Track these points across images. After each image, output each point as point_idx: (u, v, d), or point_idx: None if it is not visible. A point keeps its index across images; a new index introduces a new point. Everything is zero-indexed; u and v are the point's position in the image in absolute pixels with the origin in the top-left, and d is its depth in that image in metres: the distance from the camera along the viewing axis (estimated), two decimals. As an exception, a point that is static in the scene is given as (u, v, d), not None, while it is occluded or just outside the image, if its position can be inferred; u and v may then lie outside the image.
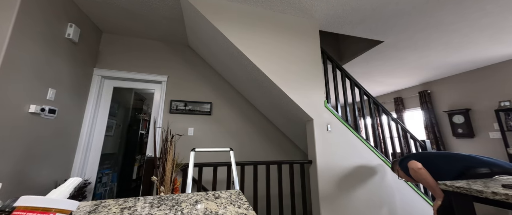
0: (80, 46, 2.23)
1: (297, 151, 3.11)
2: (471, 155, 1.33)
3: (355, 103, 2.42)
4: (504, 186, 0.91)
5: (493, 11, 2.24)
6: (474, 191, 0.91)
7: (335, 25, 2.46)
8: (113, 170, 3.11)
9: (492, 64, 3.78)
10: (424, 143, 2.47)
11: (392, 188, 2.15)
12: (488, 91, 3.82)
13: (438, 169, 1.35)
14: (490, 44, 2.98)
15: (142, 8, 2.19)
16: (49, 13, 1.80)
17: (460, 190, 0.97)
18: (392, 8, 2.18)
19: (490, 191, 0.86)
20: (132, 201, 0.55)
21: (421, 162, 1.43)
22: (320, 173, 1.96)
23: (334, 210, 1.91)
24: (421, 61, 3.62)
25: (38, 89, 1.74)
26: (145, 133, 4.25)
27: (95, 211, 0.48)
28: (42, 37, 1.75)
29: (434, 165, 1.38)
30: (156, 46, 2.87)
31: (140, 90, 3.82)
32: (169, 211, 0.48)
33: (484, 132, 3.85)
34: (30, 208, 0.30)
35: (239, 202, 0.56)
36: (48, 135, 1.86)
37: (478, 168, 1.19)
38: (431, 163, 1.40)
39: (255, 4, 2.09)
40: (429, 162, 1.41)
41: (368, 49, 3.08)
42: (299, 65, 2.16)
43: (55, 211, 0.31)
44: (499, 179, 1.13)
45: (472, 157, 1.30)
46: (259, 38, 2.06)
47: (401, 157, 1.65)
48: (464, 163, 1.27)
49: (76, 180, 0.39)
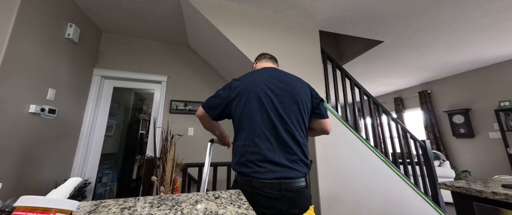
0: (80, 46, 2.23)
1: (297, 151, 3.11)
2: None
3: (355, 103, 2.42)
4: (504, 186, 0.91)
5: (493, 11, 2.24)
6: (474, 191, 0.91)
7: (335, 25, 2.46)
8: (113, 170, 3.11)
9: (492, 64, 3.79)
10: (424, 143, 2.47)
11: (392, 188, 2.15)
12: (488, 91, 3.82)
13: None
14: (490, 44, 2.98)
15: (142, 8, 2.19)
16: (49, 13, 1.80)
17: (460, 190, 0.97)
18: (392, 8, 2.18)
19: (490, 191, 0.86)
20: (132, 201, 0.55)
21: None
22: (320, 173, 1.96)
23: (334, 210, 1.91)
24: (421, 61, 3.62)
25: (38, 89, 1.74)
26: (145, 133, 4.25)
27: (95, 211, 0.48)
28: (42, 37, 1.75)
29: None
30: (156, 46, 2.87)
31: (140, 90, 3.82)
32: (169, 211, 0.48)
33: (484, 132, 3.85)
34: (30, 208, 0.30)
35: (239, 202, 0.56)
36: (48, 135, 1.86)
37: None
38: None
39: (255, 4, 2.09)
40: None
41: (368, 49, 3.08)
42: (299, 65, 2.16)
43: (55, 211, 0.31)
44: (499, 179, 1.13)
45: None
46: (259, 38, 2.06)
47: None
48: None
49: (76, 180, 0.39)
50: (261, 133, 0.81)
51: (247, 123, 0.83)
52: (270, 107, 0.84)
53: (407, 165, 2.37)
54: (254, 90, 0.86)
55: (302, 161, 0.83)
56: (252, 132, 0.82)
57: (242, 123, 0.85)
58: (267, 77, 0.91)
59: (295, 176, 0.79)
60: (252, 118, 0.83)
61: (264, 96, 0.85)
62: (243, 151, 0.81)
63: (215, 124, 1.00)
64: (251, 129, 0.82)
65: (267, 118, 0.83)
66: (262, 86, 0.88)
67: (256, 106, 0.84)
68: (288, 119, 0.84)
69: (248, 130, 0.83)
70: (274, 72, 0.95)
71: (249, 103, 0.84)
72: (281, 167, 0.78)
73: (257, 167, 0.77)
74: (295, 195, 0.77)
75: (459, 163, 4.18)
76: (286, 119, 0.84)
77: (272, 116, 0.83)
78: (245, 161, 0.80)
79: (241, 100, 0.86)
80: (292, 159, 0.80)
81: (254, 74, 0.94)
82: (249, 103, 0.84)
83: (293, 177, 0.78)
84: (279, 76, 0.93)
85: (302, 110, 0.89)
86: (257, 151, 0.79)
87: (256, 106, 0.84)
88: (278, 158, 0.79)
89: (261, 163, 0.78)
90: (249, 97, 0.85)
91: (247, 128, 0.83)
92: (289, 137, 0.82)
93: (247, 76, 0.93)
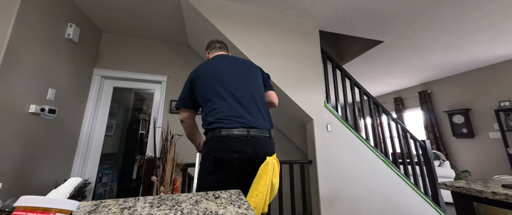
0: (80, 46, 2.23)
1: (297, 151, 3.11)
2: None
3: (355, 103, 2.42)
4: (504, 186, 0.91)
5: (493, 11, 2.24)
6: (474, 191, 0.91)
7: (335, 25, 2.46)
8: (113, 170, 3.11)
9: (492, 64, 3.79)
10: (424, 143, 2.47)
11: (392, 188, 2.15)
12: (488, 91, 3.82)
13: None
14: (490, 44, 2.98)
15: (142, 8, 2.19)
16: (49, 13, 1.80)
17: (460, 190, 0.97)
18: (392, 8, 2.18)
19: (490, 191, 0.86)
20: (132, 201, 0.55)
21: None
22: (320, 173, 1.96)
23: (334, 210, 1.91)
24: (421, 61, 3.62)
25: (38, 89, 1.74)
26: (145, 133, 4.25)
27: (95, 211, 0.48)
28: (42, 37, 1.75)
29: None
30: (156, 46, 2.87)
31: (140, 90, 3.82)
32: (169, 211, 0.48)
33: (484, 132, 3.85)
34: (30, 208, 0.30)
35: (239, 202, 0.56)
36: (48, 135, 1.86)
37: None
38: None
39: (255, 4, 2.09)
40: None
41: (368, 49, 3.08)
42: (299, 65, 2.16)
43: (55, 211, 0.31)
44: (499, 179, 1.13)
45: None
46: (259, 38, 2.06)
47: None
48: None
49: (76, 180, 0.39)
50: (226, 96, 0.93)
51: (210, 95, 0.95)
52: (230, 78, 0.98)
53: (407, 165, 2.37)
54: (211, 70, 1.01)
55: (263, 118, 0.96)
56: (217, 98, 0.93)
57: (206, 97, 0.96)
58: (220, 61, 1.07)
59: (260, 126, 0.90)
60: (214, 89, 0.95)
61: (221, 73, 0.99)
62: (211, 115, 0.91)
63: (197, 132, 1.11)
64: (215, 96, 0.94)
65: (229, 85, 0.96)
66: (218, 66, 1.02)
67: (216, 81, 0.97)
68: (246, 86, 0.99)
69: (212, 98, 0.94)
70: (227, 58, 1.10)
71: (209, 80, 0.98)
72: (246, 120, 0.89)
73: (226, 121, 0.87)
74: (261, 142, 0.88)
75: (459, 163, 4.18)
76: (246, 85, 0.99)
77: (231, 85, 0.96)
78: (214, 121, 0.89)
79: (201, 80, 0.99)
80: (255, 116, 0.93)
81: (209, 62, 1.07)
82: (209, 80, 0.98)
83: (257, 126, 0.90)
84: (232, 59, 1.09)
85: (256, 81, 1.05)
86: (223, 110, 0.90)
87: (216, 81, 0.97)
88: (243, 113, 0.90)
89: (229, 117, 0.88)
90: (207, 76, 0.99)
91: (211, 98, 0.94)
92: (250, 100, 0.95)
93: (202, 65, 1.07)
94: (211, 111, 0.92)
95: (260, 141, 0.88)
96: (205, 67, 1.04)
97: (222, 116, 0.88)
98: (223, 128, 0.86)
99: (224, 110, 0.90)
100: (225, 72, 1.00)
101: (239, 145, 0.84)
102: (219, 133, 0.85)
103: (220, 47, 1.20)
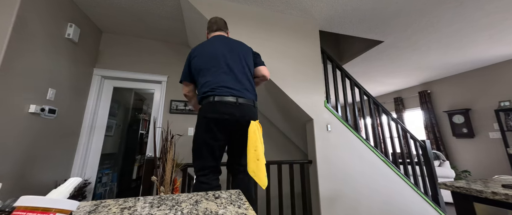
0: (80, 46, 2.23)
1: (297, 151, 3.11)
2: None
3: (355, 103, 2.42)
4: (504, 186, 0.91)
5: (493, 12, 2.24)
6: (474, 191, 0.91)
7: (335, 25, 2.46)
8: (113, 170, 3.11)
9: (492, 64, 3.79)
10: (424, 143, 2.47)
11: (392, 188, 2.15)
12: (488, 91, 3.82)
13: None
14: (490, 44, 2.98)
15: (142, 8, 2.19)
16: (49, 13, 1.80)
17: (460, 190, 0.97)
18: (392, 8, 2.18)
19: (490, 191, 0.86)
20: (132, 201, 0.55)
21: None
22: (320, 173, 1.96)
23: (334, 210, 1.91)
24: (421, 61, 3.62)
25: (38, 89, 1.74)
26: (145, 133, 4.25)
27: (95, 211, 0.48)
28: (42, 37, 1.75)
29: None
30: (156, 46, 2.87)
31: (140, 90, 3.82)
32: (169, 211, 0.48)
33: (484, 132, 3.85)
34: (30, 208, 0.30)
35: (239, 202, 0.56)
36: (48, 135, 1.86)
37: None
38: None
39: (255, 4, 2.09)
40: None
41: (368, 49, 3.08)
42: (299, 65, 2.16)
43: (55, 211, 0.31)
44: (499, 179, 1.13)
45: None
46: (259, 38, 2.06)
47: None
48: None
49: (76, 180, 0.39)
50: (218, 71, 1.09)
51: (205, 70, 1.11)
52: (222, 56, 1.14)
53: (407, 165, 2.37)
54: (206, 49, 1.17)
55: (249, 90, 1.12)
56: (211, 73, 1.09)
57: (201, 72, 1.12)
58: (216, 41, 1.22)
59: (246, 96, 1.08)
60: (209, 64, 1.11)
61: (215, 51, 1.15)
62: (206, 87, 1.06)
63: (195, 98, 1.27)
64: (209, 71, 1.10)
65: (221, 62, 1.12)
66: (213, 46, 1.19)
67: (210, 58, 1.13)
68: (236, 62, 1.14)
69: (207, 73, 1.10)
70: (222, 38, 1.25)
71: (203, 59, 1.14)
72: (235, 90, 1.06)
73: (218, 90, 1.04)
74: (247, 108, 1.06)
75: (459, 163, 4.18)
76: (235, 61, 1.14)
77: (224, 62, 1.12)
78: (208, 90, 1.05)
79: (196, 59, 1.16)
80: (243, 87, 1.09)
81: (205, 43, 1.23)
82: (204, 59, 1.14)
83: (244, 96, 1.07)
84: (226, 40, 1.24)
85: (246, 59, 1.20)
86: (217, 81, 1.06)
87: (210, 58, 1.13)
88: (232, 85, 1.07)
89: (221, 88, 1.04)
90: (202, 56, 1.15)
91: (206, 73, 1.10)
92: (239, 74, 1.12)
93: (200, 45, 1.23)
94: (206, 83, 1.08)
95: (246, 107, 1.05)
96: (201, 48, 1.20)
97: (215, 86, 1.05)
98: (216, 95, 1.03)
99: (217, 81, 1.06)
100: (218, 50, 1.16)
101: (229, 109, 1.01)
102: (213, 99, 1.02)
103: (216, 29, 1.35)
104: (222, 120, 1.01)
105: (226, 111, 1.01)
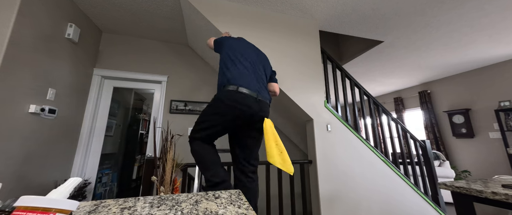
0: (80, 46, 2.23)
1: (297, 151, 3.11)
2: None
3: (355, 103, 2.42)
4: (504, 186, 0.91)
5: (492, 11, 2.24)
6: (474, 191, 0.91)
7: (335, 25, 2.46)
8: (113, 170, 3.11)
9: (492, 64, 3.79)
10: (424, 143, 2.47)
11: (392, 188, 2.15)
12: (488, 91, 3.82)
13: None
14: (490, 44, 2.99)
15: (142, 8, 2.19)
16: (49, 13, 1.80)
17: (460, 190, 0.97)
18: (392, 8, 2.18)
19: (490, 191, 0.86)
20: (132, 201, 0.55)
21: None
22: (320, 173, 1.96)
23: (334, 210, 1.91)
24: (421, 61, 3.62)
25: (38, 89, 1.74)
26: (145, 133, 4.25)
27: (95, 211, 0.48)
28: (42, 37, 1.75)
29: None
30: (156, 46, 2.87)
31: (140, 90, 3.82)
32: (169, 211, 0.48)
33: (484, 132, 3.85)
34: (30, 208, 0.30)
35: (239, 202, 0.56)
36: (48, 135, 1.86)
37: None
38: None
39: (255, 4, 2.09)
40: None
41: (368, 49, 3.08)
42: (299, 65, 2.16)
43: (55, 211, 0.31)
44: (499, 179, 1.13)
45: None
46: (259, 38, 2.06)
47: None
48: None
49: (76, 180, 0.39)
50: (246, 68, 1.20)
51: (236, 60, 1.21)
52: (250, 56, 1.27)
53: (407, 165, 2.37)
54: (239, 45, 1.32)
55: (267, 92, 1.24)
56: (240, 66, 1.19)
57: (233, 60, 1.22)
58: (245, 42, 1.38)
59: (264, 96, 1.18)
60: (240, 58, 1.23)
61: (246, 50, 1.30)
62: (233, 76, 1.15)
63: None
64: (238, 64, 1.19)
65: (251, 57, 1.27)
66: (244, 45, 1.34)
67: (241, 54, 1.25)
68: (259, 67, 1.28)
69: (237, 64, 1.19)
70: (248, 42, 1.42)
71: (236, 51, 1.26)
72: (257, 89, 1.16)
73: (244, 83, 1.12)
74: (264, 105, 1.15)
75: (459, 163, 4.18)
76: (259, 67, 1.28)
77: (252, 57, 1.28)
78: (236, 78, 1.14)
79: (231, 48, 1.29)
80: (263, 89, 1.21)
81: (236, 40, 1.38)
82: (237, 51, 1.26)
83: (263, 95, 1.17)
84: (251, 44, 1.41)
85: (265, 66, 1.35)
86: (244, 76, 1.15)
87: (241, 54, 1.25)
88: (255, 83, 1.17)
89: (247, 82, 1.14)
90: (236, 48, 1.28)
91: (236, 63, 1.20)
92: (261, 77, 1.25)
93: (232, 40, 1.37)
94: (234, 71, 1.16)
95: (263, 104, 1.15)
96: (235, 42, 1.34)
97: (242, 79, 1.14)
98: (239, 86, 1.10)
99: (244, 76, 1.15)
100: (248, 51, 1.30)
101: (250, 102, 1.09)
102: (237, 89, 1.09)
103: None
104: (241, 110, 1.07)
105: (248, 103, 1.08)
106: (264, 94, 1.18)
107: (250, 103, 1.08)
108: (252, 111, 1.09)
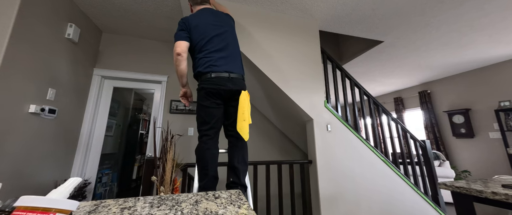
0: (80, 46, 2.23)
1: (297, 151, 3.11)
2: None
3: (355, 103, 2.42)
4: (504, 186, 0.91)
5: (492, 11, 2.24)
6: (474, 191, 0.91)
7: (335, 25, 2.46)
8: (113, 170, 3.11)
9: (492, 64, 3.79)
10: (424, 143, 2.47)
11: (392, 188, 2.15)
12: (488, 91, 3.82)
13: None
14: (490, 44, 2.98)
15: (142, 8, 2.19)
16: (49, 13, 1.80)
17: (460, 190, 0.97)
18: (392, 8, 2.18)
19: (490, 191, 0.86)
20: (132, 201, 0.55)
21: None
22: (320, 173, 1.96)
23: (334, 210, 1.91)
24: (421, 61, 3.62)
25: (38, 89, 1.74)
26: (145, 133, 4.25)
27: (95, 211, 0.48)
28: (42, 37, 1.75)
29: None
30: (156, 46, 2.87)
31: (140, 90, 3.82)
32: (169, 211, 0.48)
33: (484, 132, 3.85)
34: (30, 208, 0.30)
35: (239, 202, 0.56)
36: (48, 135, 1.86)
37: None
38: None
39: (255, 4, 2.09)
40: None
41: (368, 49, 3.08)
42: (299, 65, 2.16)
43: (55, 211, 0.31)
44: (499, 179, 1.13)
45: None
46: (259, 38, 2.06)
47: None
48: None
49: (76, 180, 0.39)
50: (213, 50, 1.25)
51: (202, 47, 1.26)
52: (216, 33, 1.30)
53: (407, 165, 2.37)
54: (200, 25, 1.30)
55: (239, 66, 1.31)
56: (206, 52, 1.25)
57: (198, 48, 1.27)
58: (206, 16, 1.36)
59: (237, 72, 1.27)
60: (206, 40, 1.26)
61: (208, 29, 1.30)
62: (203, 63, 1.23)
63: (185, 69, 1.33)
64: (205, 50, 1.25)
65: (215, 40, 1.28)
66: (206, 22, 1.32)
67: (204, 36, 1.27)
68: (223, 38, 1.30)
69: (203, 51, 1.25)
70: (210, 12, 1.39)
71: (198, 35, 1.28)
72: (228, 67, 1.25)
73: (214, 67, 1.22)
74: (237, 80, 1.26)
75: (459, 163, 4.18)
76: (222, 37, 1.30)
77: (217, 38, 1.29)
78: (207, 66, 1.22)
79: (196, 30, 1.29)
80: (234, 64, 1.28)
81: (196, 17, 1.35)
82: (199, 35, 1.28)
83: (235, 72, 1.26)
84: (215, 14, 1.39)
85: (233, 34, 1.39)
86: (214, 59, 1.23)
87: (204, 36, 1.27)
88: (224, 62, 1.25)
89: (217, 65, 1.23)
90: (197, 31, 1.29)
91: (202, 50, 1.26)
92: (230, 52, 1.30)
93: (191, 19, 1.33)
94: (203, 59, 1.24)
95: (237, 80, 1.25)
96: (194, 22, 1.31)
97: (212, 64, 1.23)
98: (213, 72, 1.21)
99: (213, 59, 1.23)
100: (211, 28, 1.30)
101: (224, 82, 1.21)
102: (210, 75, 1.21)
103: (201, 1, 1.44)
104: (219, 90, 1.21)
105: (222, 84, 1.22)
106: (236, 69, 1.28)
107: (225, 82, 1.22)
108: (229, 88, 1.22)
